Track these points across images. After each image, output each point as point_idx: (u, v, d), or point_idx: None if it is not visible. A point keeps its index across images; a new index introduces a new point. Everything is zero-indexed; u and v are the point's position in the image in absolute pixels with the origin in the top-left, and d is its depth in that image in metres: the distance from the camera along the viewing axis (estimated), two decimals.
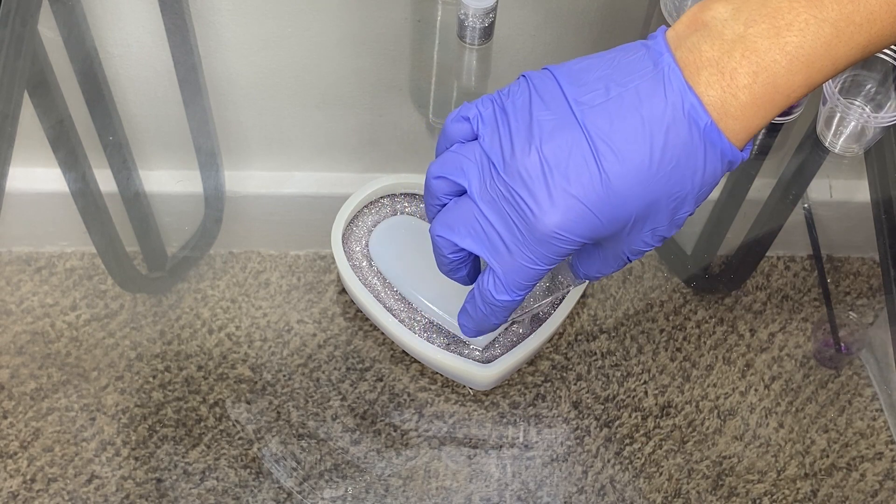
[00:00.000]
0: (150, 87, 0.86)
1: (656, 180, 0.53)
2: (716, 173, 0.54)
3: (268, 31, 0.89)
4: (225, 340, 0.74)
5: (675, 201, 0.54)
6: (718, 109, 0.52)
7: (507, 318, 0.61)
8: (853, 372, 0.75)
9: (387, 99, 0.86)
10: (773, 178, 0.83)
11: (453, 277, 0.62)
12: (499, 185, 0.54)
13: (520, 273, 0.56)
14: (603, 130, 0.52)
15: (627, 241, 0.57)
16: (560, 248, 0.54)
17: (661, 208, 0.54)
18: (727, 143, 0.53)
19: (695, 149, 0.53)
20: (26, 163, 0.80)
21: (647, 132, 0.52)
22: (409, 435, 0.71)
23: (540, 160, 0.53)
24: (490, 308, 0.59)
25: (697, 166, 0.53)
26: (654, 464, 0.71)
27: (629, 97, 0.53)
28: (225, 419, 0.71)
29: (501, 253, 0.56)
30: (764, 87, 0.52)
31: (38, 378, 0.72)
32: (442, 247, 0.58)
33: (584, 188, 0.53)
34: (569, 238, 0.54)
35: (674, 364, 0.75)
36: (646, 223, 0.55)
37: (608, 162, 0.52)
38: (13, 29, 0.83)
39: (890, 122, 0.78)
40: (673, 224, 0.56)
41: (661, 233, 0.56)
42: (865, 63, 0.80)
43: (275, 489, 0.69)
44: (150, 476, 0.69)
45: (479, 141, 0.56)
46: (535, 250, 0.55)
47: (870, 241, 0.80)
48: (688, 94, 0.52)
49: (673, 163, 0.53)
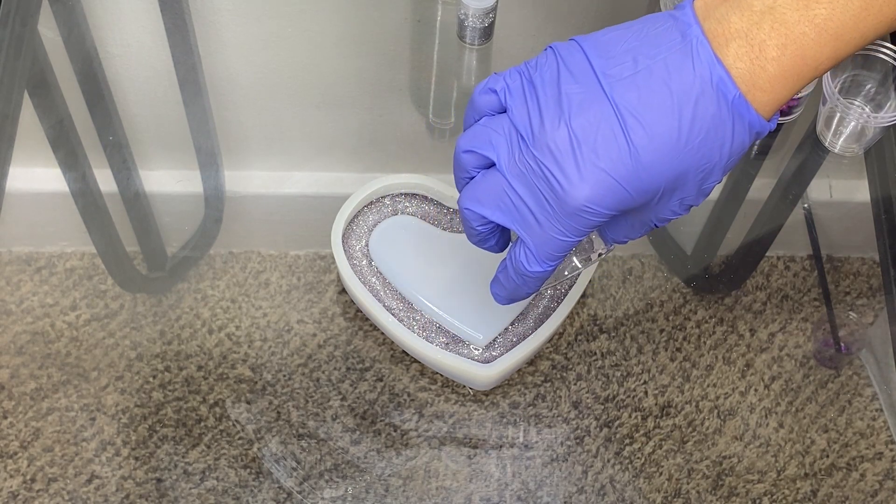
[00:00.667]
0: (150, 87, 0.86)
1: (685, 153, 0.53)
2: (743, 144, 0.54)
3: (268, 31, 0.89)
4: (225, 340, 0.74)
5: (703, 172, 0.55)
6: (747, 82, 0.52)
7: (539, 287, 0.61)
8: (853, 372, 0.75)
9: (387, 99, 0.86)
10: (773, 178, 0.83)
11: (482, 247, 0.62)
12: (528, 158, 0.55)
13: (551, 245, 0.57)
14: (631, 104, 0.53)
15: (655, 210, 0.57)
16: (589, 220, 0.55)
17: (689, 179, 0.55)
18: (755, 115, 0.53)
19: (723, 121, 0.53)
20: (26, 163, 0.80)
21: (675, 105, 0.52)
22: (409, 435, 0.71)
23: (569, 134, 0.53)
24: (523, 279, 0.60)
25: (725, 138, 0.54)
26: (654, 464, 0.71)
27: (658, 70, 0.53)
28: (225, 419, 0.71)
29: (532, 226, 0.56)
30: (792, 60, 0.52)
31: (38, 378, 0.72)
32: (471, 219, 0.59)
33: (612, 162, 0.53)
34: (598, 211, 0.54)
35: (674, 364, 0.75)
36: (674, 194, 0.56)
37: (637, 135, 0.53)
38: (13, 29, 0.83)
39: (890, 122, 0.78)
40: (700, 193, 0.56)
41: (689, 202, 0.57)
42: (865, 63, 0.80)
43: (275, 489, 0.69)
44: (150, 476, 0.69)
45: (508, 114, 0.56)
46: (564, 223, 0.55)
47: (870, 241, 0.80)
48: (716, 66, 0.52)
49: (701, 135, 0.53)
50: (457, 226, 0.76)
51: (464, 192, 0.59)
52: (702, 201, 0.57)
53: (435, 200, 0.76)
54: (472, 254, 0.74)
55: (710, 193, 0.57)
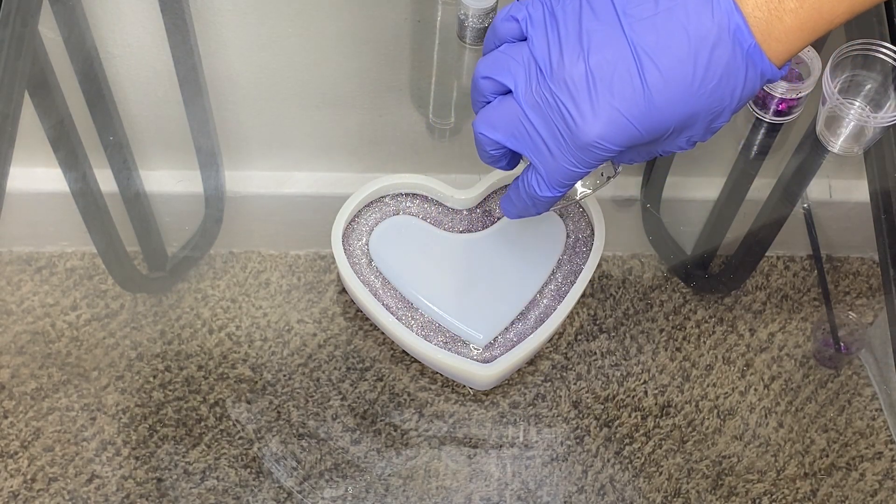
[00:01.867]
0: (151, 87, 0.86)
1: (697, 96, 0.54)
2: (754, 89, 0.56)
3: (268, 31, 0.89)
4: (225, 340, 0.74)
5: (713, 114, 0.56)
6: (763, 31, 0.54)
7: (549, 209, 0.63)
8: (853, 372, 0.75)
9: (387, 99, 0.86)
10: (773, 178, 0.83)
11: (494, 166, 0.64)
12: (544, 90, 0.56)
13: (561, 173, 0.58)
14: (649, 45, 0.54)
15: (664, 144, 0.59)
16: (600, 154, 0.56)
17: (699, 120, 0.56)
18: (768, 64, 0.55)
19: (737, 68, 0.54)
20: (27, 163, 0.80)
21: (692, 49, 0.53)
22: (409, 435, 0.71)
23: (586, 71, 0.54)
24: (533, 201, 0.62)
25: (738, 84, 0.55)
26: (654, 463, 0.71)
27: (677, 13, 0.54)
28: (225, 419, 0.71)
29: (544, 154, 0.58)
30: (809, 13, 0.54)
31: (39, 378, 0.72)
32: (484, 144, 0.61)
33: (626, 101, 0.54)
34: (608, 147, 0.56)
35: (673, 364, 0.75)
36: (683, 132, 0.57)
37: (652, 77, 0.54)
38: (14, 29, 0.83)
39: (889, 122, 0.78)
40: (708, 132, 0.58)
41: (696, 139, 0.59)
42: (865, 63, 0.80)
43: (275, 489, 0.69)
44: (151, 476, 0.69)
45: (528, 44, 0.57)
46: (576, 155, 0.57)
47: (869, 241, 0.80)
48: (734, 14, 0.53)
49: (714, 80, 0.54)
50: (457, 226, 0.76)
51: (479, 117, 0.60)
52: (708, 138, 0.59)
53: (435, 200, 0.76)
54: (472, 254, 0.75)
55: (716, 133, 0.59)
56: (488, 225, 0.76)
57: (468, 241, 0.75)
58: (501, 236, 0.75)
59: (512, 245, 0.75)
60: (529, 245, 0.75)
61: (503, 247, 0.75)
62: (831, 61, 0.78)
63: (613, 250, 0.79)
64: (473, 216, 0.76)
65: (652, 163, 0.83)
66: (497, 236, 0.75)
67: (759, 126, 0.84)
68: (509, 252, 0.75)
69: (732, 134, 0.85)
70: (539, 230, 0.76)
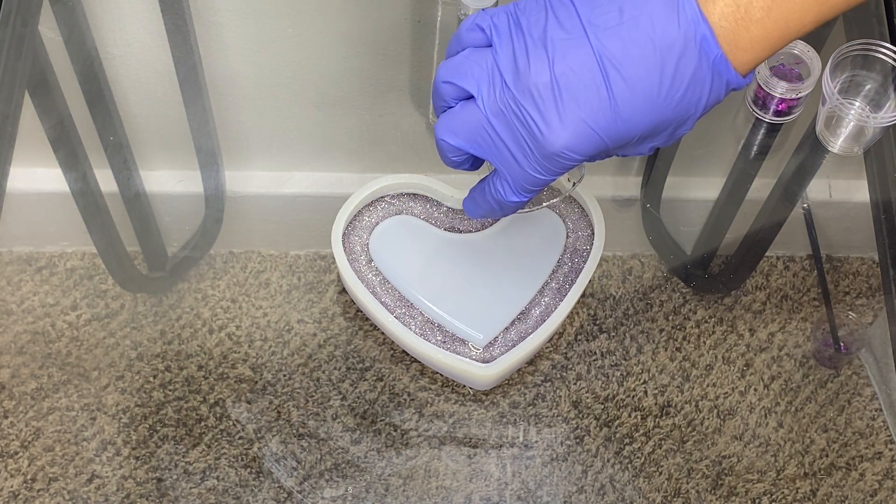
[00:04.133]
0: (151, 87, 0.86)
1: (663, 107, 0.54)
2: (719, 98, 0.56)
3: (268, 31, 0.89)
4: (225, 340, 0.74)
5: (678, 123, 0.56)
6: (730, 42, 0.53)
7: (515, 211, 0.63)
8: (853, 372, 0.75)
9: (387, 99, 0.86)
10: (772, 178, 0.83)
11: (457, 170, 0.63)
12: (508, 98, 0.56)
13: (527, 179, 0.58)
14: (614, 55, 0.53)
15: (625, 150, 0.59)
16: (565, 164, 0.56)
17: (663, 129, 0.56)
18: (734, 73, 0.55)
19: (703, 78, 0.54)
20: (27, 163, 0.80)
21: (658, 60, 0.53)
22: (409, 435, 0.71)
23: (551, 80, 0.54)
24: (500, 205, 0.61)
25: (703, 93, 0.55)
26: (654, 463, 0.71)
27: (643, 22, 0.53)
28: (225, 419, 0.71)
29: (509, 161, 0.58)
30: (776, 23, 0.53)
31: (39, 378, 0.72)
32: (446, 150, 0.60)
33: (592, 112, 0.54)
34: (574, 157, 0.56)
35: (673, 364, 0.75)
36: (646, 140, 0.57)
37: (618, 87, 0.54)
38: (14, 29, 0.83)
39: (889, 123, 0.78)
40: (671, 139, 0.58)
41: (659, 145, 0.59)
42: (865, 63, 0.80)
43: (275, 489, 0.69)
44: (151, 475, 0.69)
45: (492, 51, 0.57)
46: (541, 164, 0.56)
47: (869, 241, 0.80)
48: (701, 24, 0.53)
49: (680, 91, 0.54)
50: (457, 226, 0.76)
51: (440, 122, 0.59)
52: (671, 143, 0.59)
53: (435, 200, 0.76)
54: (472, 254, 0.75)
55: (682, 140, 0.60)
56: (488, 225, 0.76)
57: (468, 240, 0.75)
58: (501, 236, 0.75)
59: (512, 245, 0.75)
60: (529, 245, 0.75)
61: (503, 247, 0.75)
62: (831, 61, 0.78)
63: (613, 250, 0.79)
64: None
65: (652, 163, 0.83)
66: (497, 236, 0.75)
67: (759, 126, 0.84)
68: (509, 252, 0.75)
69: (732, 134, 0.85)
70: (539, 230, 0.76)
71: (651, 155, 0.83)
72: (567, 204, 0.77)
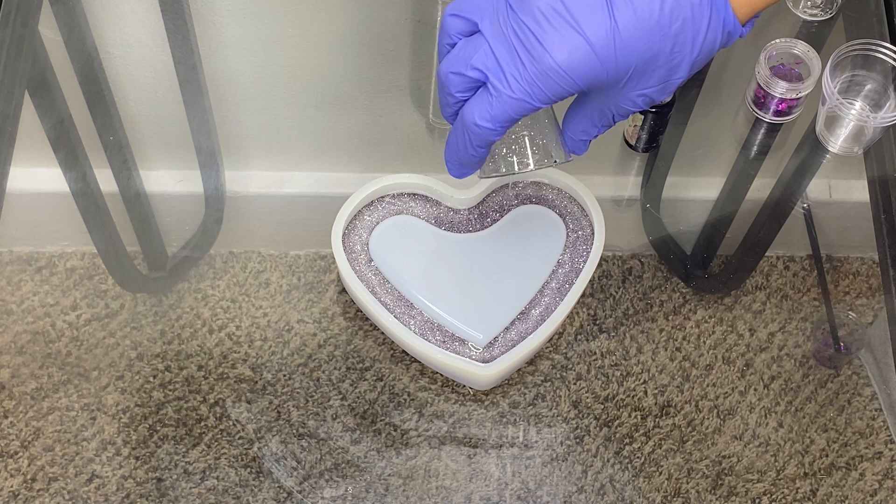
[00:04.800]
0: (151, 87, 0.86)
1: (661, 36, 0.55)
2: (714, 42, 0.57)
3: (268, 31, 0.89)
4: (225, 340, 0.74)
5: (673, 62, 0.57)
6: None
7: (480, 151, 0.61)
8: (853, 372, 0.75)
9: (387, 99, 0.86)
10: (772, 178, 0.83)
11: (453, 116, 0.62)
12: (512, 22, 0.56)
13: (509, 105, 0.58)
14: None
15: (618, 96, 0.59)
16: (558, 86, 0.56)
17: (658, 66, 0.57)
18: (731, 14, 0.56)
19: (701, 12, 0.55)
20: (27, 163, 0.80)
21: None
22: (409, 434, 0.71)
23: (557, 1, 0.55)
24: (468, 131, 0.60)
25: (700, 30, 0.56)
26: (654, 463, 0.71)
27: None
28: (225, 419, 0.71)
29: (500, 81, 0.57)
30: None
31: (39, 378, 0.72)
32: (448, 84, 0.59)
33: (593, 32, 0.55)
34: (568, 78, 0.56)
35: (673, 364, 0.75)
36: (640, 80, 0.58)
37: (619, 11, 0.55)
38: (14, 29, 0.83)
39: (889, 122, 0.78)
40: (665, 89, 0.58)
41: (652, 95, 0.59)
42: (865, 63, 0.80)
43: (275, 489, 0.69)
44: (151, 475, 0.69)
45: None
46: (533, 84, 0.56)
47: (869, 241, 0.80)
48: None
49: (679, 22, 0.55)
50: (457, 226, 0.76)
51: (444, 61, 0.60)
52: (663, 99, 0.59)
53: (435, 200, 0.76)
54: (472, 253, 0.75)
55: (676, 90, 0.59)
56: (488, 225, 0.76)
57: (468, 240, 0.75)
58: (501, 236, 0.75)
59: (512, 245, 0.75)
60: (529, 245, 0.75)
61: (503, 247, 0.75)
62: (831, 61, 0.78)
63: (613, 250, 0.79)
64: (473, 216, 0.76)
65: (652, 163, 0.83)
66: (497, 236, 0.75)
67: (759, 126, 0.84)
68: (509, 252, 0.75)
69: (732, 134, 0.85)
70: (539, 230, 0.76)
71: (651, 155, 0.83)
72: (567, 204, 0.77)
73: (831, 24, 0.88)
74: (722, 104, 0.86)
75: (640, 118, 0.80)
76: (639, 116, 0.80)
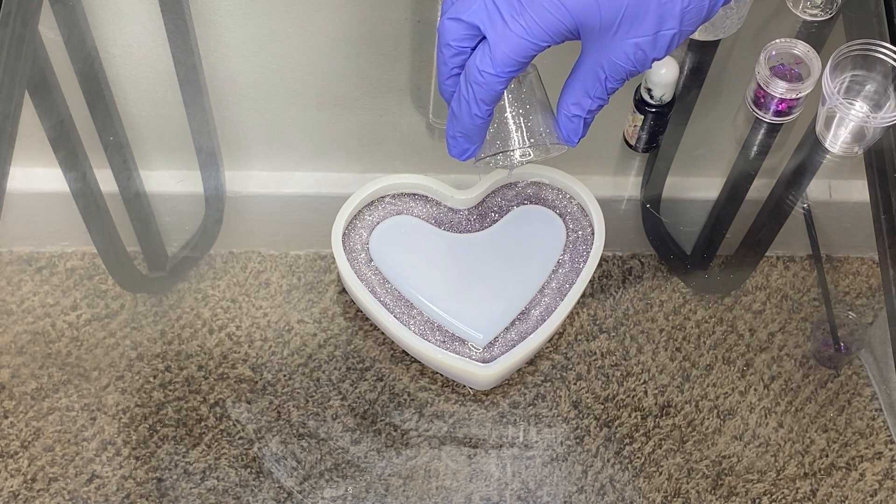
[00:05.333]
0: (151, 87, 0.86)
1: None
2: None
3: (268, 31, 0.89)
4: (225, 340, 0.74)
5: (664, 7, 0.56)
6: None
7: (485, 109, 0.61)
8: (853, 372, 0.75)
9: (387, 99, 0.86)
10: (772, 178, 0.83)
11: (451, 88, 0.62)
12: None
13: (508, 45, 0.57)
14: None
15: (610, 47, 0.58)
16: (553, 18, 0.56)
17: (649, 10, 0.57)
18: None
19: None
20: (27, 163, 0.80)
21: None
22: (409, 435, 0.71)
23: None
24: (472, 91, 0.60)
25: None
26: (654, 463, 0.71)
27: None
28: (225, 419, 0.71)
29: (497, 23, 0.57)
30: None
31: (39, 378, 0.72)
32: (445, 33, 0.59)
33: None
34: (562, 7, 0.56)
35: (673, 364, 0.75)
36: (632, 25, 0.57)
37: None
38: (14, 29, 0.83)
39: (889, 123, 0.78)
40: (656, 41, 0.58)
41: (644, 47, 0.58)
42: (865, 63, 0.80)
43: (275, 489, 0.69)
44: (151, 476, 0.69)
45: None
46: (528, 19, 0.57)
47: (869, 241, 0.80)
48: None
49: None
50: (457, 226, 0.76)
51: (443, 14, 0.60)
52: (656, 55, 0.58)
53: (435, 200, 0.76)
54: (472, 253, 0.75)
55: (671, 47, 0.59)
56: (488, 225, 0.76)
57: (468, 240, 0.75)
58: (501, 236, 0.75)
59: (512, 245, 0.75)
60: (529, 245, 0.75)
61: (503, 247, 0.75)
62: (831, 61, 0.78)
63: (613, 250, 0.79)
64: (473, 216, 0.76)
65: (652, 163, 0.83)
66: (497, 236, 0.75)
67: (758, 126, 0.84)
68: (509, 252, 0.75)
69: (732, 134, 0.85)
70: (539, 230, 0.76)
71: (651, 155, 0.83)
72: (567, 204, 0.77)
73: (831, 24, 0.88)
74: (722, 104, 0.86)
75: (640, 118, 0.80)
76: (639, 116, 0.80)
